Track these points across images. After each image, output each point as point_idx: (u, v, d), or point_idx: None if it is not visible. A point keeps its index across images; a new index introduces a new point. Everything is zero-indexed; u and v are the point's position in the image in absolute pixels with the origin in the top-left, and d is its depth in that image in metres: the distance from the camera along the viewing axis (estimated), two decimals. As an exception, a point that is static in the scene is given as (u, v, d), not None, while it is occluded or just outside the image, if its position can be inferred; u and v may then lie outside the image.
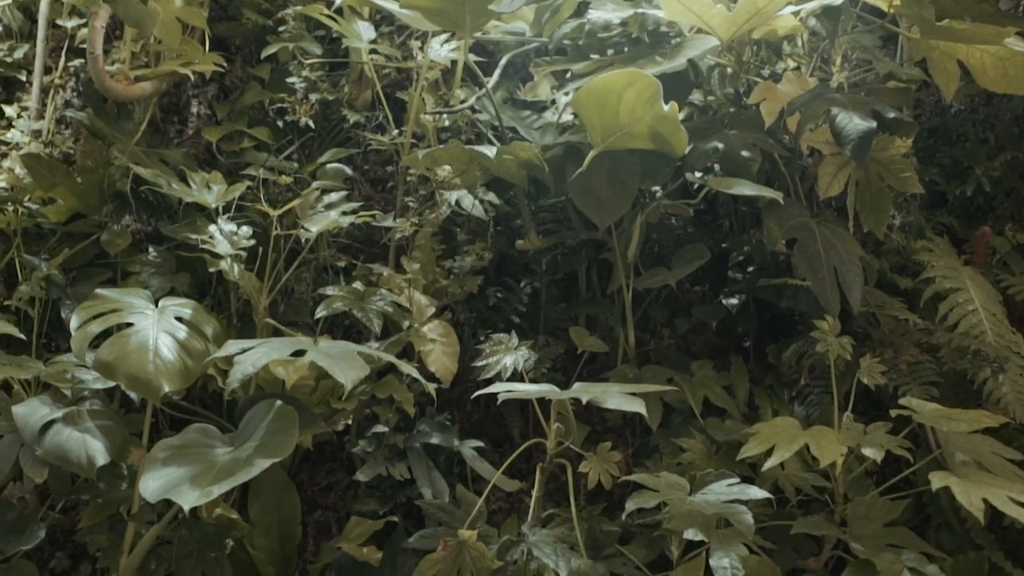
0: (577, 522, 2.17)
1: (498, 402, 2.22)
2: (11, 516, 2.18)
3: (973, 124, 2.87)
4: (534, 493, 2.26)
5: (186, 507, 1.81)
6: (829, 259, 2.41)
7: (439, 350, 2.43)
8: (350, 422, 2.45)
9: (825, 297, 2.34)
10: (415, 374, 2.07)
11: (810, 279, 2.35)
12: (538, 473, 2.27)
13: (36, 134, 2.65)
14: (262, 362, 1.96)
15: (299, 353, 2.02)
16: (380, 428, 2.34)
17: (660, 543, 2.33)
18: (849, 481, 2.27)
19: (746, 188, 2.29)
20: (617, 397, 1.92)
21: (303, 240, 2.40)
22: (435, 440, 2.36)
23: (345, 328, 2.62)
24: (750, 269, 2.62)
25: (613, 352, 2.52)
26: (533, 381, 2.38)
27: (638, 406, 1.89)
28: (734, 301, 2.59)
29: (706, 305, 2.66)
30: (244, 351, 2.01)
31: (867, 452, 2.11)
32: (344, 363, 1.95)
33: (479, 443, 2.45)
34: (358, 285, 2.44)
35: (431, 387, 2.19)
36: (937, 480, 2.07)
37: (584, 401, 1.95)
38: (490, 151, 2.25)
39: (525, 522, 2.19)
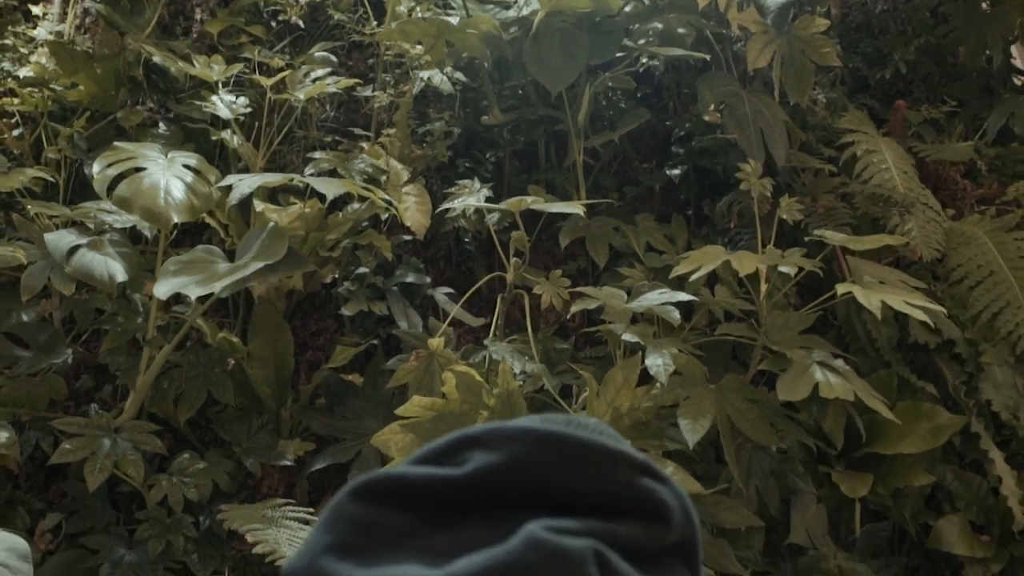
0: (533, 342, 2.50)
1: (457, 212, 2.53)
2: (43, 337, 2.52)
3: (895, 19, 3.20)
4: (495, 319, 2.59)
5: (193, 296, 2.16)
6: (756, 122, 2.75)
7: (413, 207, 2.76)
8: (337, 276, 2.78)
9: (751, 149, 2.67)
10: (387, 198, 2.41)
11: (738, 135, 2.69)
12: (499, 303, 2.60)
13: (59, 35, 3.00)
14: (256, 184, 2.30)
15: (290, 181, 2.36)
16: (362, 270, 2.67)
17: (608, 367, 2.65)
18: (771, 305, 2.59)
19: (678, 51, 2.63)
20: (560, 205, 2.26)
21: (293, 105, 2.74)
22: (410, 279, 2.69)
23: (333, 199, 2.95)
24: (691, 143, 2.95)
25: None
26: (497, 235, 2.71)
27: (578, 208, 2.22)
28: (676, 172, 2.93)
29: (651, 174, 2.99)
30: (241, 180, 2.35)
31: (783, 269, 2.44)
32: (327, 183, 2.30)
33: (450, 290, 2.78)
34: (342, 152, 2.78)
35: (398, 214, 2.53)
36: (842, 288, 2.40)
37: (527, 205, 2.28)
38: (454, 20, 2.59)
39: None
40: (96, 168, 2.42)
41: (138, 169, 2.42)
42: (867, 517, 2.61)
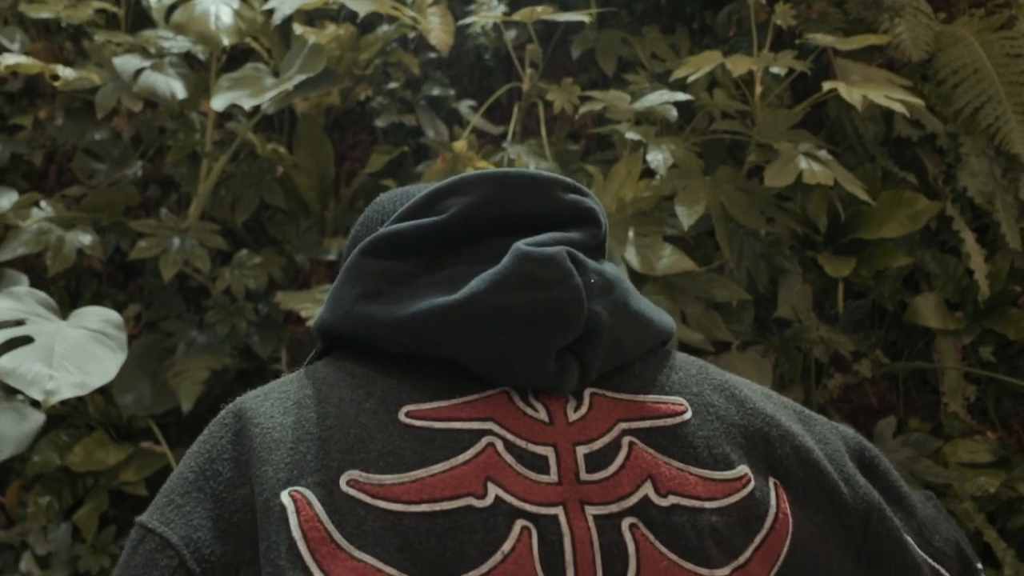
0: (547, 144, 2.77)
1: (478, 32, 2.77)
2: (116, 152, 2.87)
3: None
4: (511, 125, 2.87)
5: (246, 107, 2.47)
6: (755, -67, 2.91)
7: (438, 26, 3.00)
8: (370, 94, 3.06)
9: (747, -41, 2.85)
10: (413, 14, 2.66)
11: (736, -54, 2.87)
12: (515, 110, 2.87)
13: None
14: (297, 5, 2.56)
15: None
16: (392, 85, 2.95)
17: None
18: (765, 105, 2.82)
19: None
20: (568, 15, 2.50)
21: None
22: (436, 92, 2.97)
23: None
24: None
25: (579, 28, 3.06)
26: (515, 51, 2.95)
27: (584, 17, 2.47)
28: (683, -14, 3.12)
29: (660, -10, 3.19)
30: (283, 2, 2.61)
31: (774, 70, 2.67)
32: (359, 3, 2.55)
33: (472, 102, 3.05)
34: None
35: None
36: (827, 84, 2.62)
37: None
38: None
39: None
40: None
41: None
42: (850, 297, 2.90)
